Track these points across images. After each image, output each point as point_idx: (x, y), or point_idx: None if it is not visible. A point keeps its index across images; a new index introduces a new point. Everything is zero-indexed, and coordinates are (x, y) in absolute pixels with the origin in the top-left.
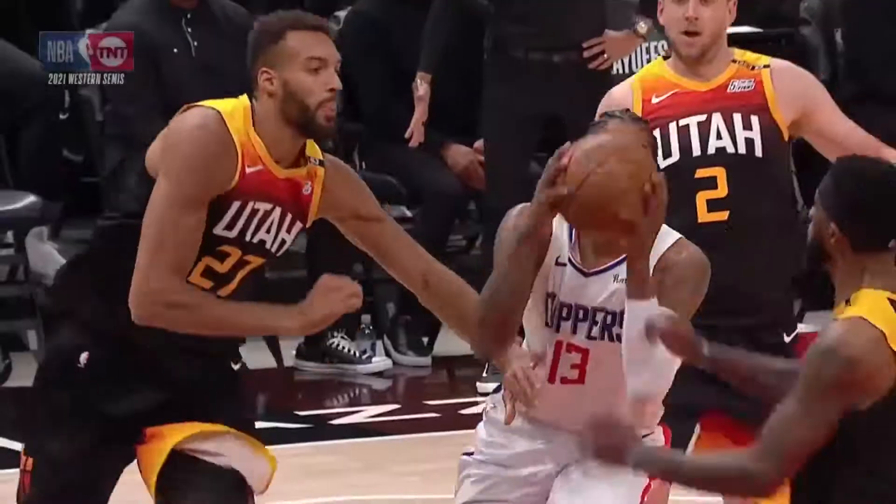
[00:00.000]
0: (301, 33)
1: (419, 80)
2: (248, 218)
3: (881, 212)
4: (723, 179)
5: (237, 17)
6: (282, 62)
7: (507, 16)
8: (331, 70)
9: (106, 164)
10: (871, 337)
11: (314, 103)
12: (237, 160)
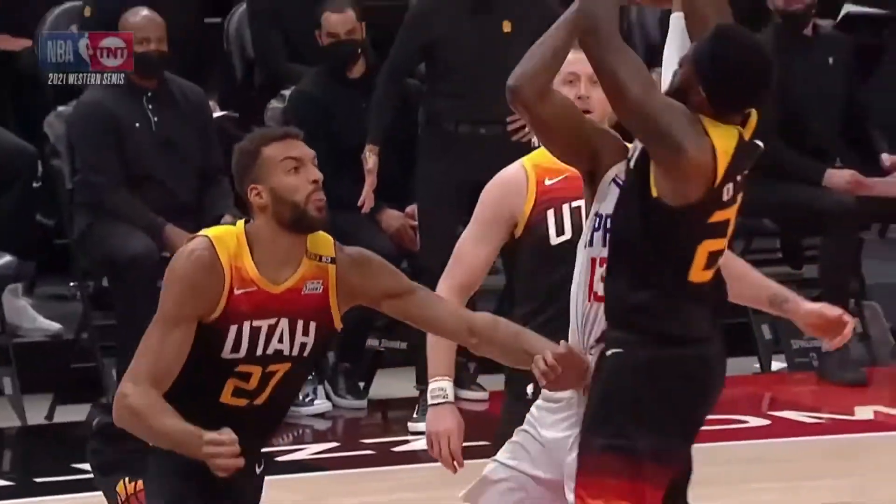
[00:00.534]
0: (273, 144)
1: (368, 153)
2: (252, 337)
3: (744, 82)
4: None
5: (193, 96)
6: (264, 174)
7: (438, 93)
8: (309, 166)
9: (75, 228)
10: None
11: (302, 199)
12: (224, 283)
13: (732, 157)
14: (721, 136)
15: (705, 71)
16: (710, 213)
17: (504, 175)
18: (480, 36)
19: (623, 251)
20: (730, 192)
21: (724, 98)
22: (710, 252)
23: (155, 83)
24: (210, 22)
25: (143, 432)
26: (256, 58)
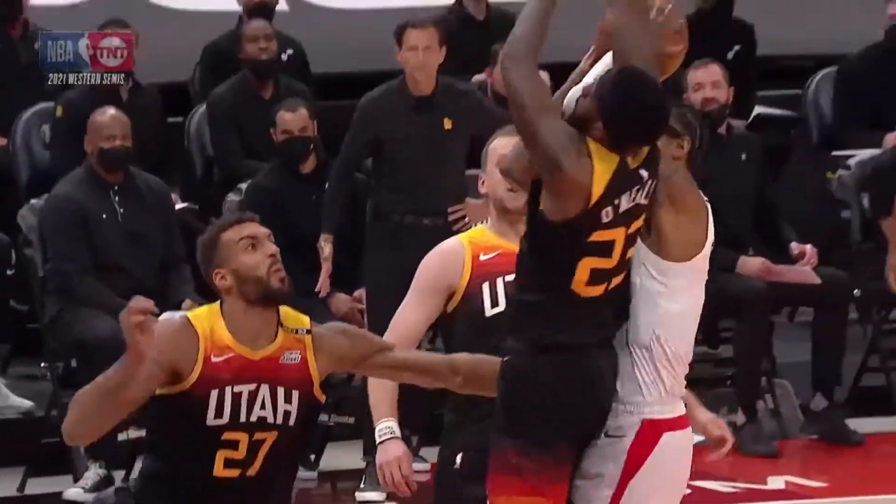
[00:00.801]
0: (230, 229)
1: (323, 242)
2: (234, 402)
3: (639, 121)
4: None
5: (157, 190)
6: (225, 257)
7: (385, 187)
8: (265, 242)
9: (46, 314)
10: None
11: (264, 273)
12: (198, 348)
13: (609, 181)
14: (602, 160)
15: (605, 107)
16: (589, 231)
17: (443, 247)
18: (423, 133)
19: (518, 262)
20: (610, 215)
21: (620, 133)
22: (592, 269)
23: (121, 177)
24: (172, 122)
25: (90, 409)
26: (215, 155)
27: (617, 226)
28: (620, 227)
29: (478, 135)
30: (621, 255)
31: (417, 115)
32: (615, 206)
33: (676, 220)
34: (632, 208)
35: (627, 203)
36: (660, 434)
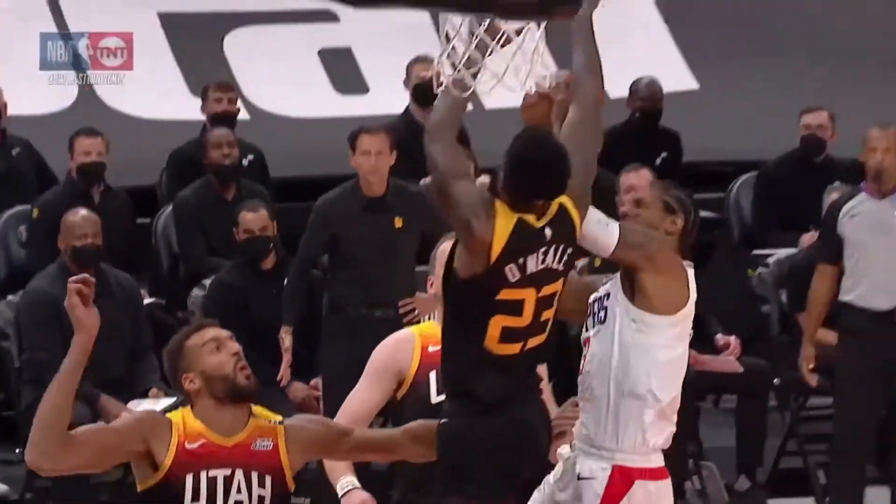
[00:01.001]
0: (192, 336)
1: (284, 334)
2: (210, 487)
3: (528, 176)
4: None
5: (126, 285)
6: (191, 362)
7: (340, 282)
8: (227, 342)
9: (22, 402)
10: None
11: (230, 371)
12: (171, 436)
13: (509, 237)
14: (503, 217)
15: (504, 164)
16: (496, 290)
17: (395, 336)
18: (375, 232)
19: (443, 323)
20: (516, 274)
21: (516, 188)
22: (504, 327)
23: (92, 273)
24: (141, 222)
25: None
26: (180, 253)
27: (525, 286)
28: (530, 287)
29: (427, 233)
30: (535, 316)
31: (370, 214)
32: (520, 264)
33: (657, 280)
34: (542, 272)
35: (535, 265)
36: (631, 482)
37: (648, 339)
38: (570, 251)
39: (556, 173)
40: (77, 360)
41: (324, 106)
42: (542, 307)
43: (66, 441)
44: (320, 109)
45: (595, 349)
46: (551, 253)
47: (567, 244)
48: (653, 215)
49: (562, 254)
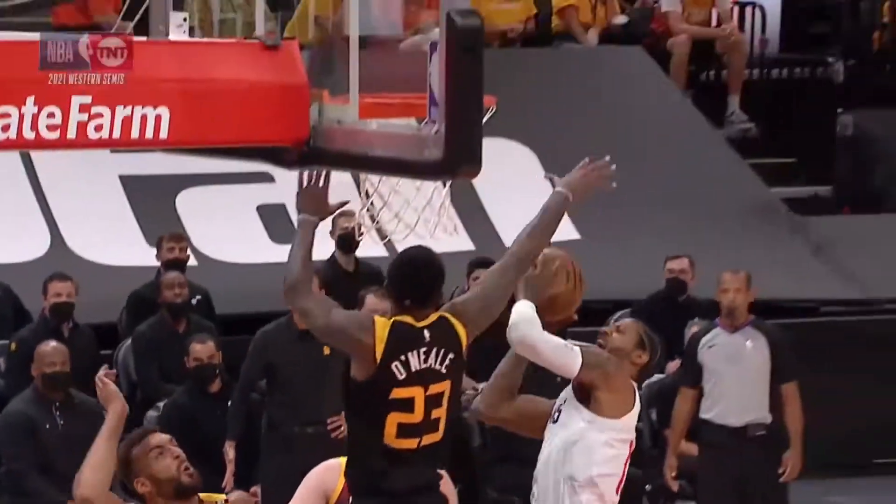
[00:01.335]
0: (137, 445)
1: (228, 448)
2: None
3: (399, 282)
4: None
5: (91, 406)
6: (140, 468)
7: (276, 403)
8: (169, 447)
9: None
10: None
11: (174, 473)
12: None
13: (388, 338)
14: (381, 323)
15: (387, 274)
16: (388, 390)
17: (327, 463)
18: (306, 359)
19: (347, 429)
20: (402, 373)
21: (392, 294)
22: (399, 423)
23: (61, 395)
24: (104, 353)
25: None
26: (138, 380)
27: (413, 384)
28: (417, 386)
29: None
30: (426, 413)
31: (301, 344)
32: (403, 361)
33: (610, 395)
34: (426, 371)
35: (418, 363)
36: None
37: (595, 436)
38: (453, 357)
39: (425, 284)
40: (114, 424)
41: (261, 253)
42: (432, 405)
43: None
44: (258, 256)
45: (548, 445)
46: (433, 354)
47: (448, 350)
48: (627, 344)
49: (443, 357)
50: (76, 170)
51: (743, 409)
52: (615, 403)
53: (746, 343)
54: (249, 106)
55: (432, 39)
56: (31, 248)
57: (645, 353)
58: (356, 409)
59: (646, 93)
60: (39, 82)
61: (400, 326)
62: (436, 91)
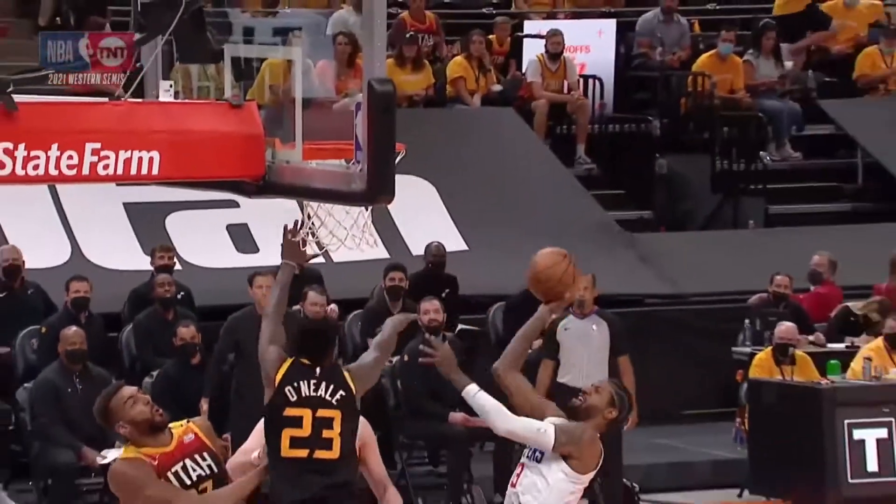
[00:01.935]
0: (113, 397)
1: (202, 403)
2: (185, 469)
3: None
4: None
5: (102, 376)
6: (118, 416)
7: (241, 373)
8: (139, 395)
9: (33, 452)
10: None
11: (147, 415)
12: (147, 464)
13: (286, 372)
14: (286, 362)
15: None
16: (282, 408)
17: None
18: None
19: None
20: (293, 395)
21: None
22: (291, 437)
23: (80, 367)
24: (111, 336)
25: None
26: (137, 355)
27: (302, 406)
28: (306, 408)
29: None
30: (314, 430)
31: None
32: (295, 388)
33: (581, 463)
34: (315, 398)
35: (308, 391)
36: None
37: (564, 485)
38: (343, 395)
39: (314, 346)
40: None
41: (229, 261)
42: (321, 426)
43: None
44: (227, 263)
45: (528, 474)
46: (322, 386)
47: (339, 388)
48: (601, 401)
49: (334, 391)
50: (90, 198)
51: (589, 376)
52: (585, 465)
53: (592, 327)
54: (219, 150)
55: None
56: (56, 256)
57: (615, 409)
58: (266, 427)
59: (515, 142)
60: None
61: (297, 363)
62: (360, 139)
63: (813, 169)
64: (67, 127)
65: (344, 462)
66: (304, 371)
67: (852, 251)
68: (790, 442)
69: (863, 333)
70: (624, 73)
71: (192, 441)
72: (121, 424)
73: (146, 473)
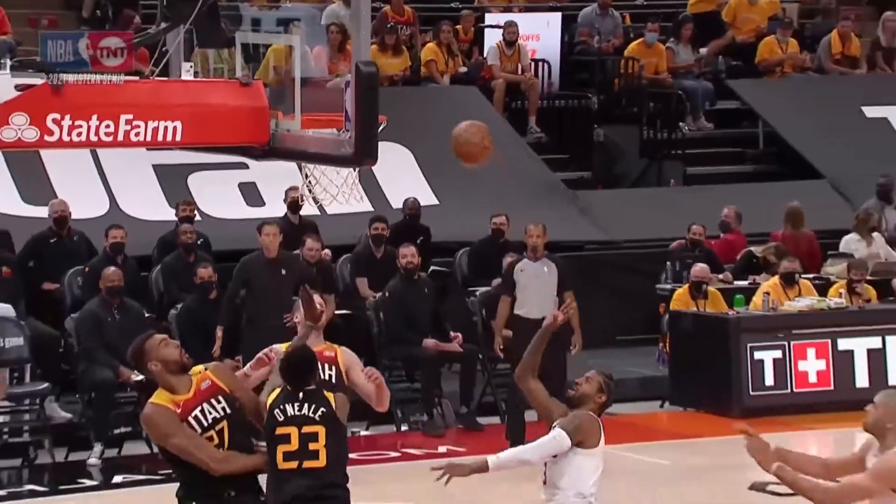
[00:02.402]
0: (148, 340)
1: (218, 331)
2: (203, 413)
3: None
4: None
5: (136, 308)
6: (152, 355)
7: (250, 305)
8: (169, 339)
9: (78, 369)
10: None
11: (176, 356)
12: (172, 408)
13: (276, 398)
14: (275, 392)
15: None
16: (274, 427)
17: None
18: (270, 277)
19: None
20: (280, 416)
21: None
22: (283, 452)
23: (118, 302)
24: (143, 274)
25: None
26: (164, 291)
27: (289, 425)
28: (293, 426)
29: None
30: (301, 445)
31: (268, 268)
32: (282, 409)
33: (588, 441)
34: (300, 416)
35: (293, 410)
36: None
37: (587, 463)
38: (325, 412)
39: (297, 375)
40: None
41: (240, 213)
42: (307, 440)
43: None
44: (238, 215)
45: (553, 470)
46: (305, 406)
47: (320, 406)
48: (591, 389)
49: (315, 410)
50: (125, 160)
51: (541, 308)
52: (593, 442)
53: (543, 268)
54: (232, 120)
55: (346, 80)
56: (97, 209)
57: (604, 394)
58: (266, 444)
59: (477, 115)
60: (101, 106)
61: (285, 390)
62: (349, 112)
63: (722, 137)
64: (105, 101)
65: (331, 468)
66: (290, 395)
67: (754, 205)
68: (703, 362)
69: (762, 273)
70: (568, 57)
71: (209, 387)
72: (153, 363)
73: (173, 421)
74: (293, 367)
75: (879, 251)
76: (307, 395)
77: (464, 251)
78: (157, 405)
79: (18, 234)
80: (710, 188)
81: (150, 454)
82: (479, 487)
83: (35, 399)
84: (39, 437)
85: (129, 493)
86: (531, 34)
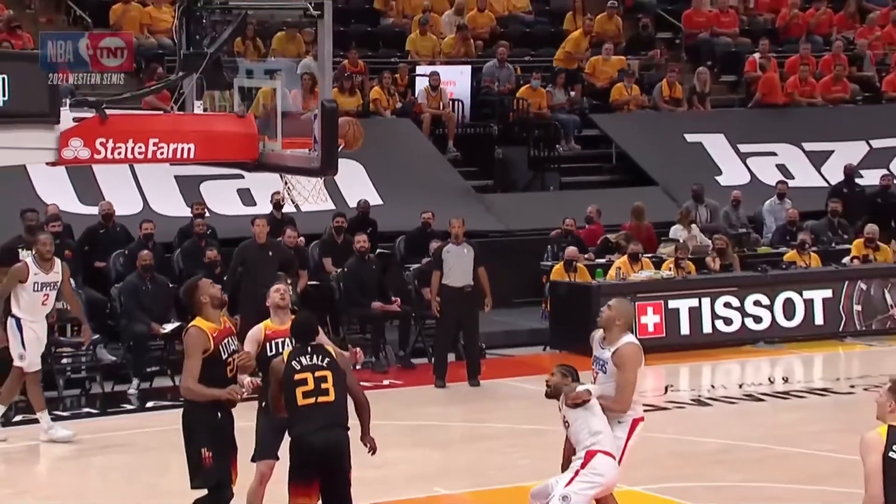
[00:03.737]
0: (200, 280)
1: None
2: (225, 347)
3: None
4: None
5: (163, 281)
6: (203, 292)
7: (247, 279)
8: (216, 285)
9: (120, 325)
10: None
11: (220, 294)
12: (209, 336)
13: (289, 355)
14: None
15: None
16: (293, 375)
17: (259, 326)
18: (260, 258)
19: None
20: (297, 366)
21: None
22: (302, 392)
23: (150, 275)
24: (167, 256)
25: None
26: (183, 268)
27: (305, 371)
28: (308, 372)
29: (282, 259)
30: (315, 386)
31: (259, 251)
32: (298, 360)
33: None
34: (311, 365)
35: (307, 360)
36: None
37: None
38: (329, 360)
39: (300, 335)
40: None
41: (238, 210)
42: (320, 382)
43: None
44: (237, 212)
45: (575, 423)
46: (315, 356)
47: (325, 356)
48: (560, 380)
49: (322, 358)
50: (154, 172)
51: (462, 280)
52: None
53: (464, 250)
54: (231, 143)
55: (315, 114)
56: (134, 207)
57: (569, 378)
58: (285, 387)
59: (410, 139)
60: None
61: (295, 347)
62: (317, 136)
63: (587, 156)
64: (138, 129)
65: (338, 402)
66: (300, 350)
67: (610, 205)
68: (573, 318)
69: (615, 253)
70: (476, 97)
71: (230, 328)
72: (203, 296)
73: (200, 344)
74: (300, 328)
75: (696, 237)
76: (314, 349)
77: (401, 238)
78: (198, 328)
79: (77, 226)
80: (579, 192)
81: (173, 386)
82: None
83: (90, 346)
84: (93, 373)
85: (158, 415)
86: (450, 80)
